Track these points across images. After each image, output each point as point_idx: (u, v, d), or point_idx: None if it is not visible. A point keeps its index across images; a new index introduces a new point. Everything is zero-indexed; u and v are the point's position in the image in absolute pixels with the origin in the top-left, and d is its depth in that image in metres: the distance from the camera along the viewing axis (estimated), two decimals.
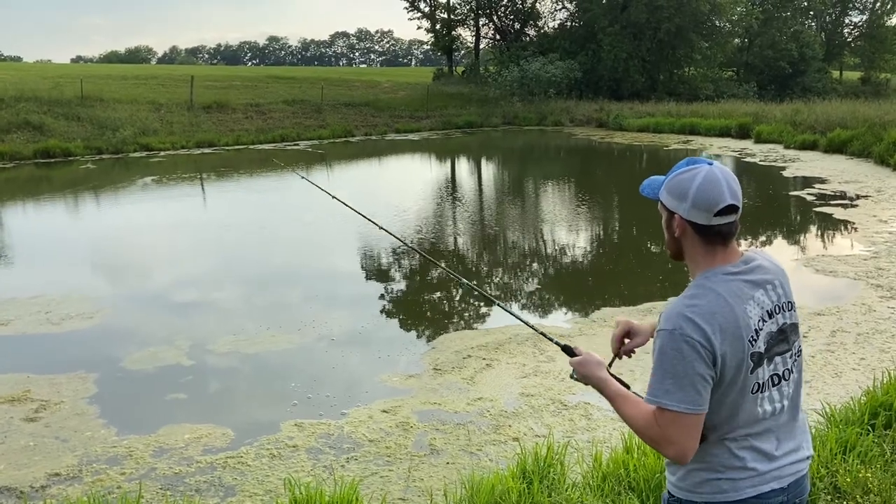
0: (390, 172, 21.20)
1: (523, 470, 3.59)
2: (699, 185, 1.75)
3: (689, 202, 1.76)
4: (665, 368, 1.71)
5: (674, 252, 1.90)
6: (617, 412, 1.90)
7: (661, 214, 1.86)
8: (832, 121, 21.73)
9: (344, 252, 10.20)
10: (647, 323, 2.15)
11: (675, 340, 1.69)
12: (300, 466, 4.36)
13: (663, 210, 1.85)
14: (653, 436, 1.76)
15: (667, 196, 1.83)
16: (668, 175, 1.84)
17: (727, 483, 1.78)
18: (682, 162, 1.84)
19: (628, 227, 12.62)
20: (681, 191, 1.78)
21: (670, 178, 1.83)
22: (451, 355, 6.12)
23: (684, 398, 1.68)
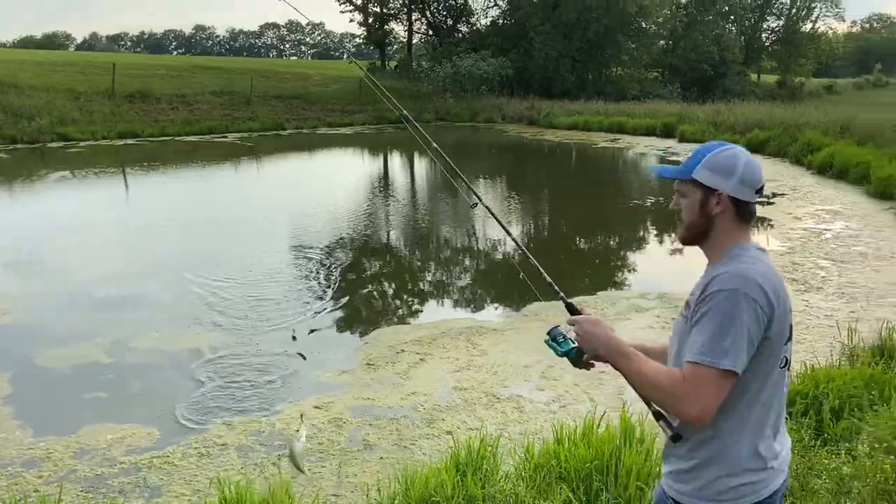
0: (322, 167, 20.93)
1: (457, 462, 3.61)
2: (746, 163, 1.82)
3: (737, 179, 1.81)
4: (723, 326, 1.68)
5: (698, 232, 1.88)
6: (632, 371, 1.80)
7: (685, 195, 1.87)
8: (751, 122, 22.70)
9: (274, 247, 10.01)
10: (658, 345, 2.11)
11: (737, 299, 1.69)
12: (230, 465, 4.26)
13: (695, 189, 1.85)
14: (677, 393, 1.69)
15: (708, 174, 1.83)
16: (699, 156, 1.86)
17: (748, 487, 1.79)
18: (711, 144, 1.89)
19: (558, 224, 12.86)
20: (727, 168, 1.82)
21: (710, 157, 1.84)
22: (385, 350, 6.09)
23: (735, 357, 1.68)
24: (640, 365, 1.78)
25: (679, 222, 1.92)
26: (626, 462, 3.42)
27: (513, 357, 5.92)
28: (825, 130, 19.34)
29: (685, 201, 1.88)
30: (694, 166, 1.86)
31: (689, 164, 1.87)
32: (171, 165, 19.10)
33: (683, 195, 1.89)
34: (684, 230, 1.91)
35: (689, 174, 1.86)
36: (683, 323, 1.83)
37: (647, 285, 8.05)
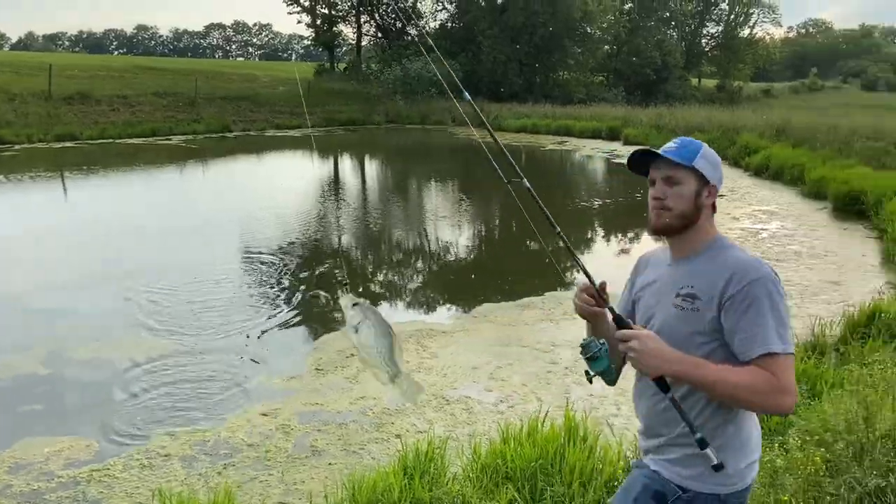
0: (271, 169, 20.64)
1: (405, 466, 3.62)
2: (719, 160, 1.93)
3: (720, 173, 1.91)
4: (780, 313, 1.71)
5: (686, 222, 1.86)
6: (716, 380, 1.69)
7: (678, 182, 1.85)
8: (692, 125, 23.35)
9: (221, 253, 9.84)
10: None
11: (776, 284, 1.74)
12: (173, 476, 4.18)
13: (692, 178, 1.85)
14: (779, 387, 1.66)
15: (706, 165, 1.86)
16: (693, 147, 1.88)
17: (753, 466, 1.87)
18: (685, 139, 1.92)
19: (508, 225, 12.99)
20: (716, 162, 1.91)
21: (704, 150, 1.88)
22: (334, 355, 6.06)
23: (792, 341, 1.75)
24: (721, 373, 1.69)
25: (662, 210, 1.87)
26: (569, 460, 3.48)
27: (462, 359, 5.96)
28: (762, 133, 20.03)
29: (676, 189, 1.85)
30: (692, 156, 1.86)
31: (686, 153, 1.86)
32: (112, 169, 18.59)
33: (676, 183, 1.85)
34: (674, 219, 1.86)
35: (690, 162, 1.85)
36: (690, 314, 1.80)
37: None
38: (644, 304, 1.99)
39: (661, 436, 1.91)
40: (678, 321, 1.82)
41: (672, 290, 1.87)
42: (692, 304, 1.79)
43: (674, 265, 1.92)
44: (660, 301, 1.90)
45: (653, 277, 1.99)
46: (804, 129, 19.45)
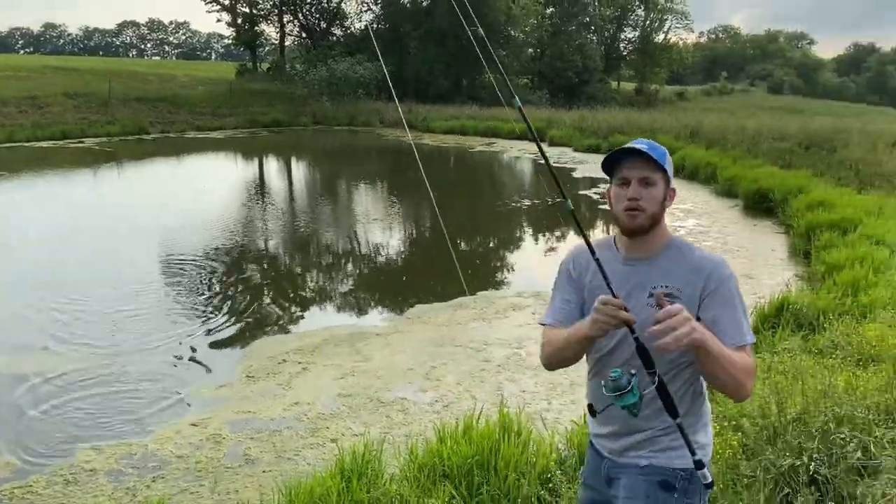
0: (193, 173, 20.06)
1: (342, 469, 3.62)
2: None
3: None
4: (744, 306, 1.88)
5: (655, 223, 1.91)
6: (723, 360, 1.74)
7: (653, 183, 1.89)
8: (612, 127, 24.14)
9: (140, 260, 9.51)
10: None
11: (735, 281, 1.89)
12: (100, 491, 4.04)
13: (661, 180, 1.91)
14: (751, 373, 1.80)
15: (669, 168, 1.92)
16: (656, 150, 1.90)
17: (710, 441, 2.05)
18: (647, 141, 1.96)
19: (437, 226, 13.07)
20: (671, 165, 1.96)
21: (666, 153, 1.92)
22: (265, 361, 5.97)
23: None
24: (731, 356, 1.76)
25: (637, 212, 1.89)
26: (504, 455, 3.57)
27: (397, 360, 5.99)
28: (677, 135, 20.88)
29: (650, 190, 1.89)
30: (663, 157, 1.89)
31: (657, 155, 1.89)
32: (21, 173, 17.66)
33: (651, 184, 1.89)
34: (647, 220, 1.89)
35: (662, 165, 1.89)
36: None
37: (522, 284, 8.37)
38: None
39: (646, 430, 1.94)
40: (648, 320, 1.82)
41: (642, 289, 1.88)
42: (671, 302, 1.80)
43: (634, 265, 1.93)
44: (627, 301, 1.86)
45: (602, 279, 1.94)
46: (716, 131, 20.40)
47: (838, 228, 8.66)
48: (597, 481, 2.08)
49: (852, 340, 4.73)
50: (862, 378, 3.91)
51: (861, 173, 12.87)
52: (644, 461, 1.94)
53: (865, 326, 4.95)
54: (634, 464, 1.96)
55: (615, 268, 1.94)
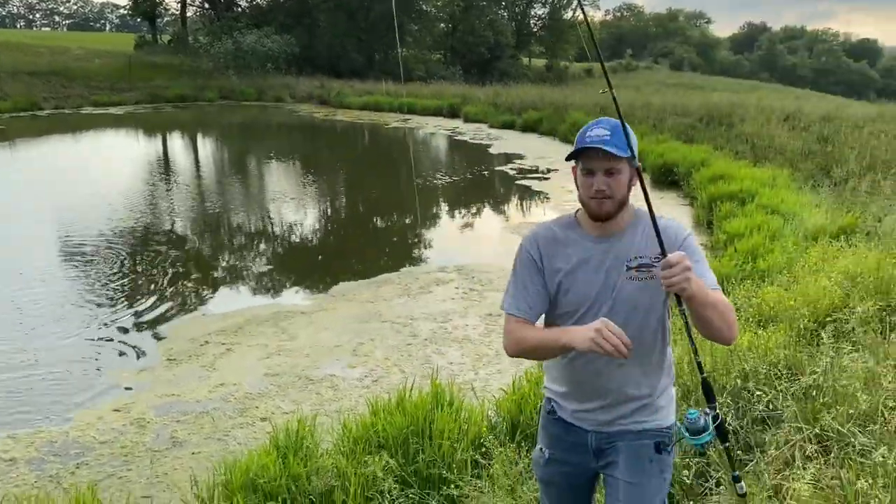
0: (91, 150, 19.02)
1: (277, 446, 3.64)
2: None
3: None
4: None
5: (621, 206, 1.96)
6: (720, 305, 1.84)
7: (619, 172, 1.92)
8: (526, 103, 24.50)
9: (40, 242, 9.03)
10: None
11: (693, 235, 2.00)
12: (21, 480, 3.89)
13: (626, 166, 1.93)
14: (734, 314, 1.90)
15: (634, 152, 1.93)
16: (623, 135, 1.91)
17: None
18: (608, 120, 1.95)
19: (354, 204, 13.00)
20: (635, 140, 1.96)
21: (631, 136, 1.92)
22: (187, 343, 5.84)
23: None
24: (713, 292, 1.86)
25: (605, 200, 1.93)
26: (438, 423, 3.67)
27: (323, 338, 5.99)
28: (588, 111, 21.45)
29: (618, 178, 1.93)
30: (626, 144, 1.91)
31: (621, 143, 1.91)
32: None
33: (618, 173, 1.92)
34: (616, 206, 1.95)
35: (627, 153, 1.91)
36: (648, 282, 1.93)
37: (444, 259, 8.49)
38: (581, 284, 1.99)
39: (633, 399, 2.03)
40: (639, 292, 1.94)
41: (618, 264, 1.95)
42: (648, 272, 1.92)
43: (605, 241, 1.98)
44: (608, 277, 1.94)
45: (578, 258, 2.00)
46: (625, 106, 20.95)
47: (737, 199, 9.21)
48: (574, 455, 2.12)
49: (752, 303, 5.09)
50: (763, 337, 4.24)
51: (756, 147, 13.66)
52: (639, 426, 2.02)
53: (764, 290, 5.34)
54: (629, 430, 2.03)
55: (587, 246, 1.99)
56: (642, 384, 2.03)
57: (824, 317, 4.51)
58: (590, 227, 2.01)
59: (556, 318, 2.05)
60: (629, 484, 2.00)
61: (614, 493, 2.03)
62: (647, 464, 2.01)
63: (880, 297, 4.58)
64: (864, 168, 10.55)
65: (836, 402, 3.16)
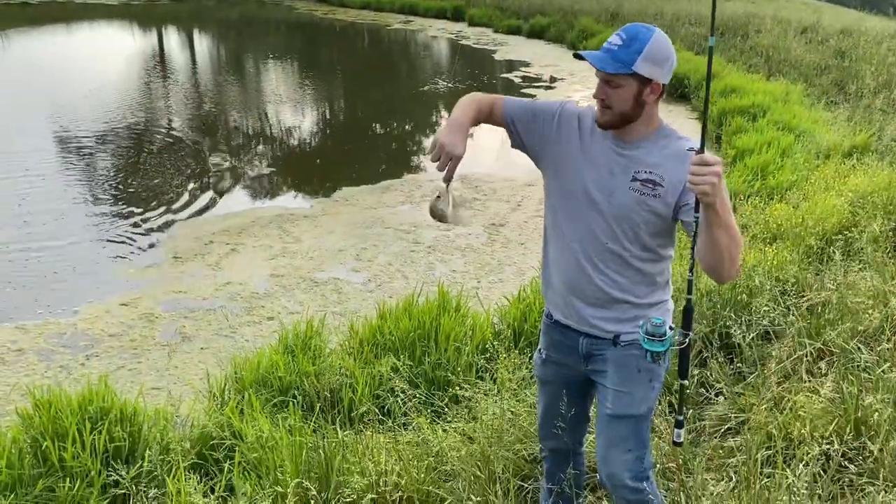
0: (84, 43, 18.43)
1: (286, 345, 3.69)
2: (673, 50, 1.85)
3: (669, 66, 1.85)
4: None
5: (626, 119, 1.87)
6: (734, 230, 1.75)
7: (619, 85, 1.83)
8: (533, 7, 23.59)
9: (34, 134, 8.87)
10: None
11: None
12: (32, 370, 3.97)
13: (632, 81, 1.82)
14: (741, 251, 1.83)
15: (648, 66, 1.81)
16: (636, 45, 1.80)
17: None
18: (636, 28, 1.83)
19: (355, 109, 12.75)
20: (663, 56, 1.83)
21: (648, 48, 1.80)
22: (192, 242, 5.84)
23: None
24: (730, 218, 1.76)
25: (605, 109, 1.88)
26: (444, 328, 3.72)
27: (327, 242, 5.98)
28: (598, 18, 20.73)
29: (618, 91, 1.85)
30: (632, 58, 1.81)
31: (626, 56, 1.81)
32: None
33: (616, 86, 1.84)
34: (615, 118, 1.88)
35: (630, 67, 1.81)
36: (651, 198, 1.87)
37: None
38: (579, 167, 1.97)
39: (618, 302, 1.99)
40: (638, 203, 1.89)
41: (625, 172, 1.90)
42: (653, 189, 1.87)
43: (619, 147, 1.93)
44: (613, 180, 1.91)
45: (594, 148, 1.96)
46: (634, 15, 20.35)
47: (748, 114, 9.03)
48: (569, 357, 2.14)
49: (760, 220, 5.07)
50: (768, 254, 4.24)
51: (771, 60, 13.30)
52: (629, 336, 2.00)
53: (772, 207, 5.31)
54: (619, 339, 2.02)
55: (605, 145, 1.95)
56: (626, 290, 1.99)
57: (833, 235, 4.50)
58: (615, 131, 1.95)
59: (552, 192, 2.06)
60: (617, 392, 2.04)
61: (603, 399, 2.08)
62: (635, 373, 2.02)
63: (890, 217, 4.56)
64: (879, 85, 10.30)
65: (841, 318, 3.20)
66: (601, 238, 1.95)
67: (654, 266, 1.99)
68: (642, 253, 1.96)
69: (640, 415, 2.04)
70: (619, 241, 1.94)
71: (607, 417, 2.07)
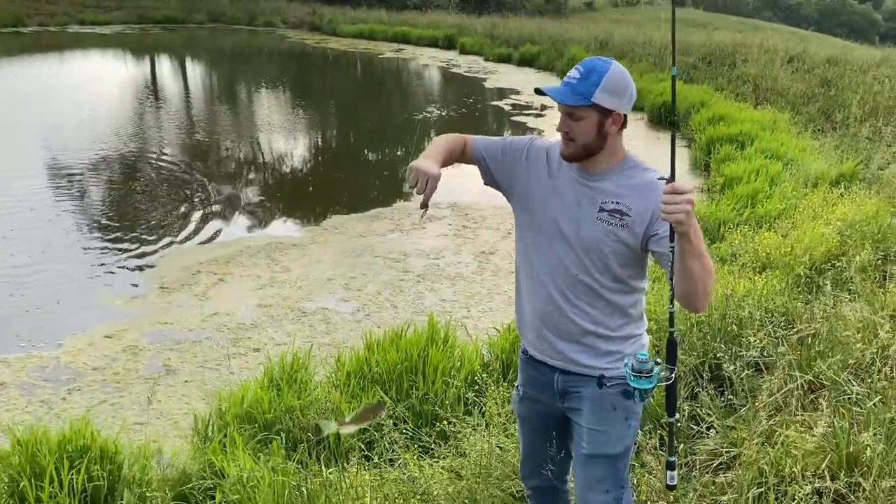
0: (76, 71, 18.49)
1: (271, 378, 3.63)
2: (631, 81, 1.86)
3: (629, 96, 1.86)
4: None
5: (590, 151, 1.88)
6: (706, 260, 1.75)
7: (580, 118, 1.84)
8: (523, 36, 23.88)
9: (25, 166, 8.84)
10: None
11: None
12: (12, 404, 3.89)
13: (592, 112, 1.84)
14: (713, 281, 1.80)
15: (608, 97, 1.82)
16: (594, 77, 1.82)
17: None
18: (594, 62, 1.85)
19: (346, 136, 12.79)
20: (622, 87, 1.84)
21: (606, 80, 1.81)
22: (179, 272, 5.79)
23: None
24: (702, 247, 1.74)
25: (569, 142, 1.90)
26: (432, 360, 3.67)
27: (316, 271, 5.94)
28: (587, 46, 20.96)
29: (580, 124, 1.86)
30: (591, 90, 1.82)
31: (584, 88, 1.83)
32: None
33: (577, 118, 1.85)
34: (579, 150, 1.89)
35: (589, 99, 1.83)
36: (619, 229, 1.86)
37: (437, 196, 8.31)
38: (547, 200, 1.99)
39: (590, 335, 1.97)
40: (605, 234, 1.88)
41: (592, 204, 1.90)
42: (620, 219, 1.87)
43: (584, 179, 1.93)
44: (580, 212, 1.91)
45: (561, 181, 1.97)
46: (625, 43, 20.61)
47: (737, 142, 9.09)
48: (544, 394, 2.11)
49: (749, 249, 5.07)
50: (758, 284, 4.23)
51: (758, 89, 13.44)
52: (604, 372, 1.98)
53: (761, 236, 5.31)
54: (592, 375, 1.99)
55: (571, 177, 1.96)
56: (598, 322, 1.97)
57: (822, 264, 4.50)
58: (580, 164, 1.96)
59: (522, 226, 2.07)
60: (592, 430, 2.01)
61: (578, 439, 2.05)
62: (610, 411, 1.99)
63: (878, 246, 4.57)
64: (865, 113, 10.41)
65: (831, 350, 3.17)
66: (571, 270, 1.94)
67: (625, 298, 1.97)
68: (613, 284, 1.94)
69: (616, 454, 2.01)
70: (589, 272, 1.93)
71: (583, 457, 2.04)
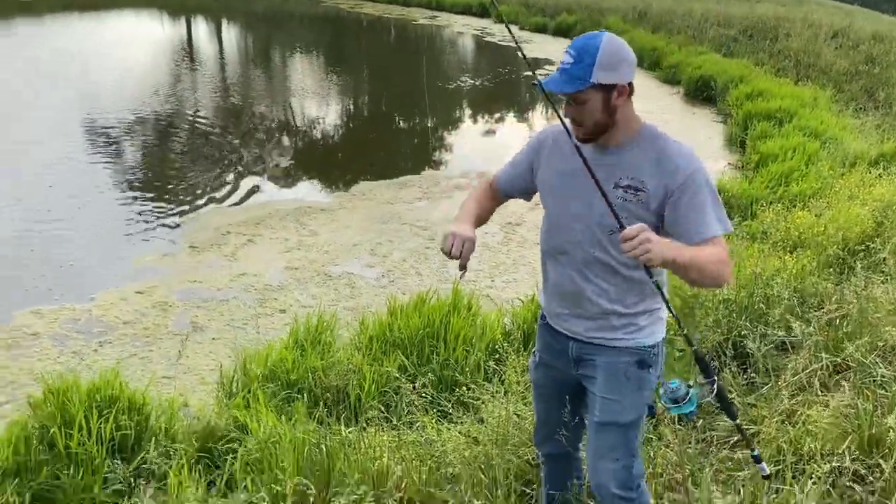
0: (115, 31, 18.64)
1: (296, 339, 3.69)
2: (627, 47, 1.83)
3: (628, 64, 1.82)
4: (717, 197, 1.85)
5: (602, 128, 1.85)
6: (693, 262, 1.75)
7: (583, 101, 1.81)
8: (560, 5, 23.43)
9: (65, 130, 8.98)
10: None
11: (706, 173, 1.85)
12: (45, 354, 4.02)
13: (595, 92, 1.80)
14: (724, 262, 1.78)
15: (606, 74, 1.78)
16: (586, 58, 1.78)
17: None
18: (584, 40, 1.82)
19: (378, 103, 12.74)
20: (619, 59, 1.80)
21: (600, 57, 1.77)
22: (210, 232, 5.88)
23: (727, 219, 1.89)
24: (699, 255, 1.76)
25: (578, 126, 1.87)
26: (454, 328, 3.70)
27: (342, 236, 5.98)
28: (624, 16, 20.53)
29: (585, 106, 1.83)
30: (588, 71, 1.78)
31: (580, 72, 1.79)
32: None
33: (582, 102, 1.82)
34: (590, 130, 1.86)
35: (588, 80, 1.79)
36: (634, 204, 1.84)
37: (467, 165, 8.35)
38: (563, 182, 1.97)
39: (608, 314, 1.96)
40: (620, 210, 1.82)
41: (607, 181, 1.84)
42: (636, 194, 1.84)
43: (599, 157, 1.88)
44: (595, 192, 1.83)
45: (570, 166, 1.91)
46: (663, 14, 20.12)
47: (774, 119, 8.88)
48: (559, 360, 2.12)
49: (781, 227, 4.98)
50: (788, 263, 4.16)
51: (800, 64, 13.07)
52: (616, 343, 1.98)
53: (794, 215, 5.21)
54: (608, 346, 1.99)
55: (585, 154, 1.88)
56: (616, 300, 1.96)
57: (855, 245, 4.40)
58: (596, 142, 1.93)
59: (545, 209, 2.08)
60: (605, 399, 2.01)
61: (592, 407, 2.06)
62: (623, 381, 2.00)
63: None
64: None
65: (860, 332, 3.12)
66: (588, 248, 1.93)
67: (642, 273, 1.92)
68: (629, 260, 1.88)
69: (627, 423, 2.01)
70: (605, 248, 1.91)
71: (595, 425, 2.05)
